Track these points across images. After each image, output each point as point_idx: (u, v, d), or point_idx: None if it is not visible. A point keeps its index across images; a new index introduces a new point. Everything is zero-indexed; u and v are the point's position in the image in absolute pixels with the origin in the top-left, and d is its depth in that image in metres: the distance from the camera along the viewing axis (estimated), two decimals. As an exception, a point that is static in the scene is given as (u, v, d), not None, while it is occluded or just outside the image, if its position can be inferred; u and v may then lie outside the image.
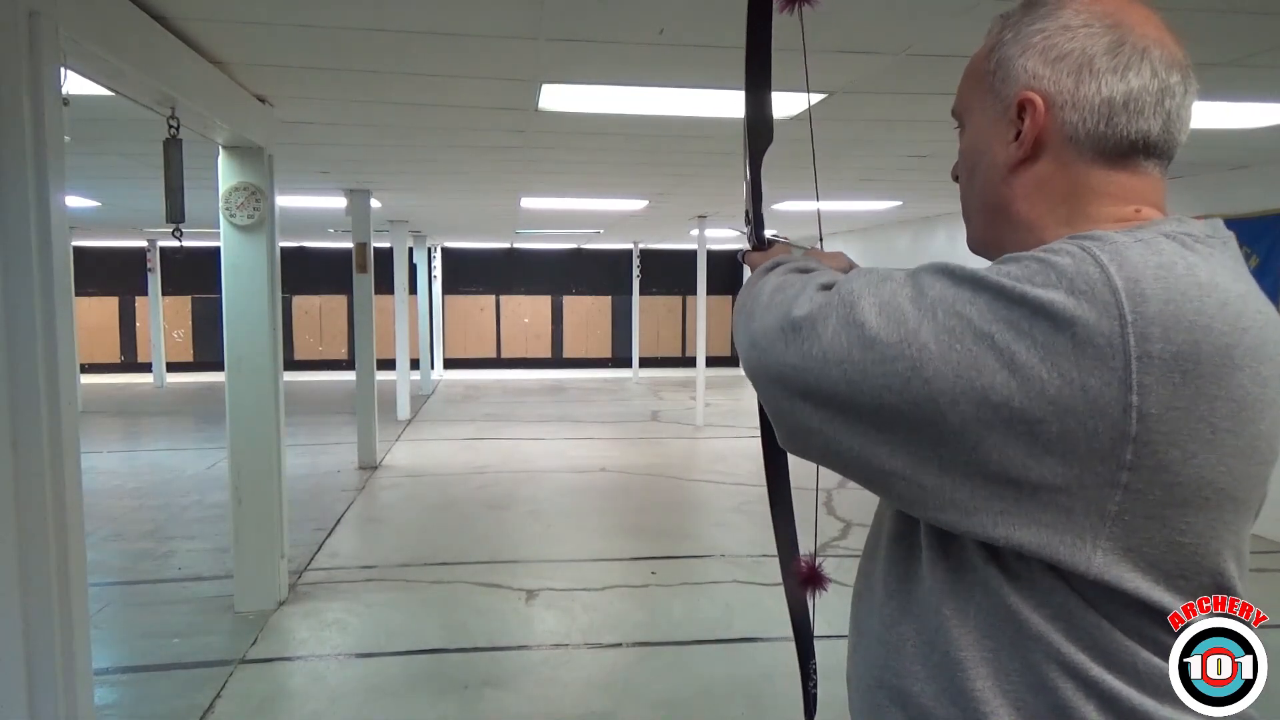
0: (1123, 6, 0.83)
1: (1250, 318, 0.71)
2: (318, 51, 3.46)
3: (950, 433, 0.70)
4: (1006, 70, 0.85)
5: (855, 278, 0.80)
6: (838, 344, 0.75)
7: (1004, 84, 0.85)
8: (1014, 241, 0.85)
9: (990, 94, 0.86)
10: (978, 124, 0.89)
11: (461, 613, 4.56)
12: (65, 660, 2.17)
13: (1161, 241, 0.74)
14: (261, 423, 4.42)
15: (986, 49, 0.88)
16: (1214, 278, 0.72)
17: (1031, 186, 0.84)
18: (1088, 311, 0.67)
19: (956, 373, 0.69)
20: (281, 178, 4.66)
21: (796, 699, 1.23)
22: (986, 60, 0.87)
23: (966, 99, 0.91)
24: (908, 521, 0.85)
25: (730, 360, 18.34)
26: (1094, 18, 0.82)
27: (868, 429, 0.75)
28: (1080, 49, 0.81)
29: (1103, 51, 0.80)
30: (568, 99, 4.08)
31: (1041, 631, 0.71)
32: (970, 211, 0.92)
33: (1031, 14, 0.85)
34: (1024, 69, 0.83)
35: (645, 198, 8.42)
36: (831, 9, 2.88)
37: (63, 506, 2.16)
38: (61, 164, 2.18)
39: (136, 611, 4.61)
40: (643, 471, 8.06)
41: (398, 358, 11.19)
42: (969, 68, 0.91)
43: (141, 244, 15.15)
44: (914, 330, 0.72)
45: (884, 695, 0.83)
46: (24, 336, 2.07)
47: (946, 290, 0.73)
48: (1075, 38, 0.81)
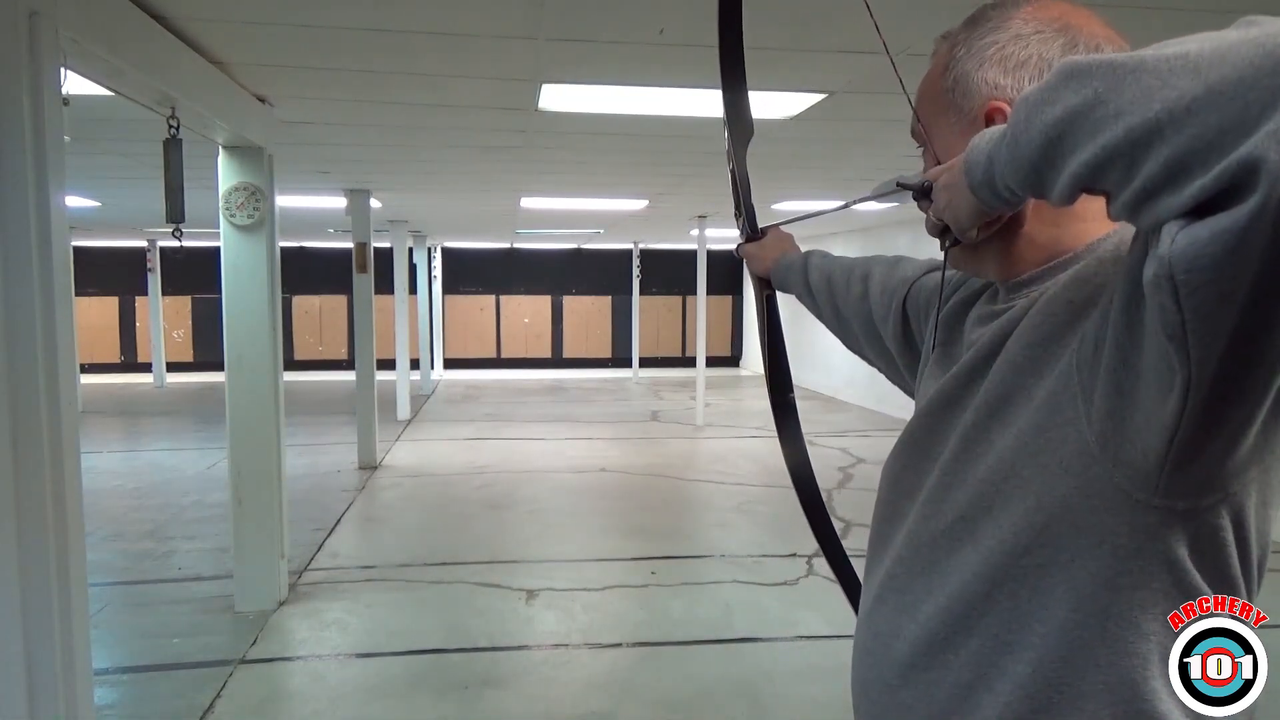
0: (1067, 11, 0.85)
1: None
2: (318, 51, 3.46)
3: None
4: (966, 85, 0.85)
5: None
6: None
7: (965, 99, 0.85)
8: (1001, 246, 0.87)
9: (952, 111, 0.87)
10: (944, 144, 0.88)
11: (461, 613, 4.56)
12: (65, 660, 2.17)
13: None
14: (261, 423, 4.41)
15: (939, 68, 0.89)
16: None
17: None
18: None
19: None
20: (281, 178, 4.66)
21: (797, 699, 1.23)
22: (942, 79, 0.88)
23: (926, 120, 0.91)
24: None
25: (730, 360, 18.35)
26: (1043, 24, 0.84)
27: None
28: (1037, 54, 0.83)
29: (1059, 54, 0.82)
30: (568, 99, 4.09)
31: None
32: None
33: (980, 28, 0.86)
34: (984, 81, 0.84)
35: (645, 198, 8.43)
36: (831, 9, 2.88)
37: (63, 506, 2.16)
38: (61, 164, 2.18)
39: (136, 611, 4.61)
40: (643, 471, 8.06)
41: (398, 358, 11.19)
42: (923, 90, 0.92)
43: (141, 244, 15.16)
44: None
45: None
46: (24, 336, 2.07)
47: None
48: (1029, 44, 0.83)
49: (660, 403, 13.08)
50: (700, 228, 10.54)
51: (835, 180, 7.10)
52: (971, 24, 0.87)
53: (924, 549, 0.84)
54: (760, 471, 7.93)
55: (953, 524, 0.81)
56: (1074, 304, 0.76)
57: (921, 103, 0.91)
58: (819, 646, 4.13)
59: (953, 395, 0.86)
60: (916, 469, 0.89)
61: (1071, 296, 0.77)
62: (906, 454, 0.93)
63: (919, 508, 0.86)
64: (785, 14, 2.92)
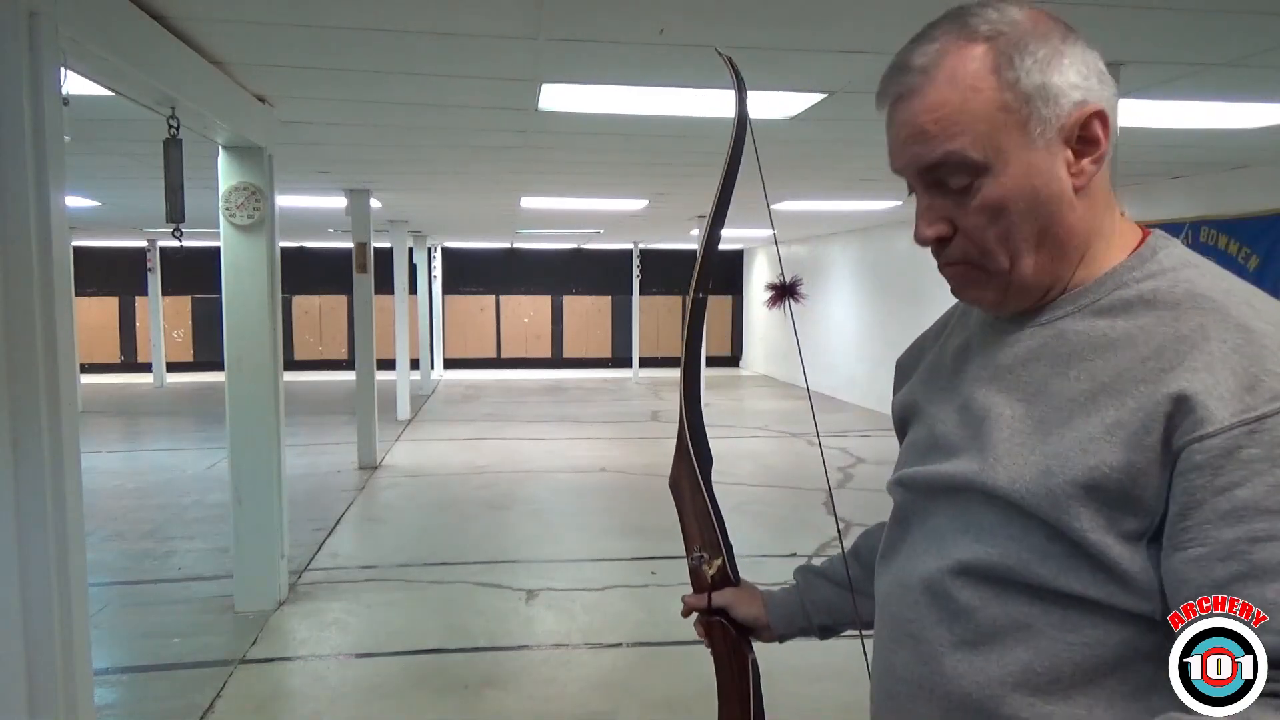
0: (1055, 15, 0.85)
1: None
2: (318, 51, 3.46)
3: None
4: (1049, 94, 0.81)
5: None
6: None
7: (1051, 107, 0.81)
8: (1069, 268, 0.86)
9: (1034, 124, 0.81)
10: (1025, 161, 0.82)
11: (461, 613, 4.56)
12: (65, 660, 2.16)
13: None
14: (261, 423, 4.41)
15: (993, 91, 0.82)
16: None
17: (1088, 203, 0.85)
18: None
19: None
20: (281, 178, 4.66)
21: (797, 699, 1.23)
22: (1000, 95, 0.81)
23: (991, 143, 0.82)
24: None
25: (730, 360, 18.35)
26: (1065, 29, 0.84)
27: None
28: (1084, 53, 0.83)
29: (1084, 49, 0.84)
30: (568, 99, 4.08)
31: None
32: (1018, 257, 0.85)
33: (1029, 41, 0.82)
34: (1072, 86, 0.81)
35: (645, 198, 8.42)
36: (831, 9, 2.88)
37: (63, 506, 2.16)
38: (61, 164, 2.18)
39: (136, 611, 4.61)
40: (643, 471, 8.06)
41: (398, 358, 11.19)
42: (970, 116, 0.82)
43: (141, 244, 15.15)
44: None
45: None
46: (24, 336, 2.07)
47: None
48: (1076, 45, 0.83)
49: (660, 403, 13.08)
50: (700, 228, 10.53)
51: (835, 180, 7.10)
52: (1010, 39, 0.82)
53: None
54: (760, 471, 7.93)
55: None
56: (1109, 386, 0.80)
57: (970, 128, 0.82)
58: (819, 646, 4.12)
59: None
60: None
61: (1108, 375, 0.80)
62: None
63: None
64: (785, 14, 2.92)
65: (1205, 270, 0.83)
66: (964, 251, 0.87)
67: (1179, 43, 3.23)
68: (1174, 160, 5.87)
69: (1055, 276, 0.86)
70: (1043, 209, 0.83)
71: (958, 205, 0.86)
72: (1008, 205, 0.83)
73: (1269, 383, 0.71)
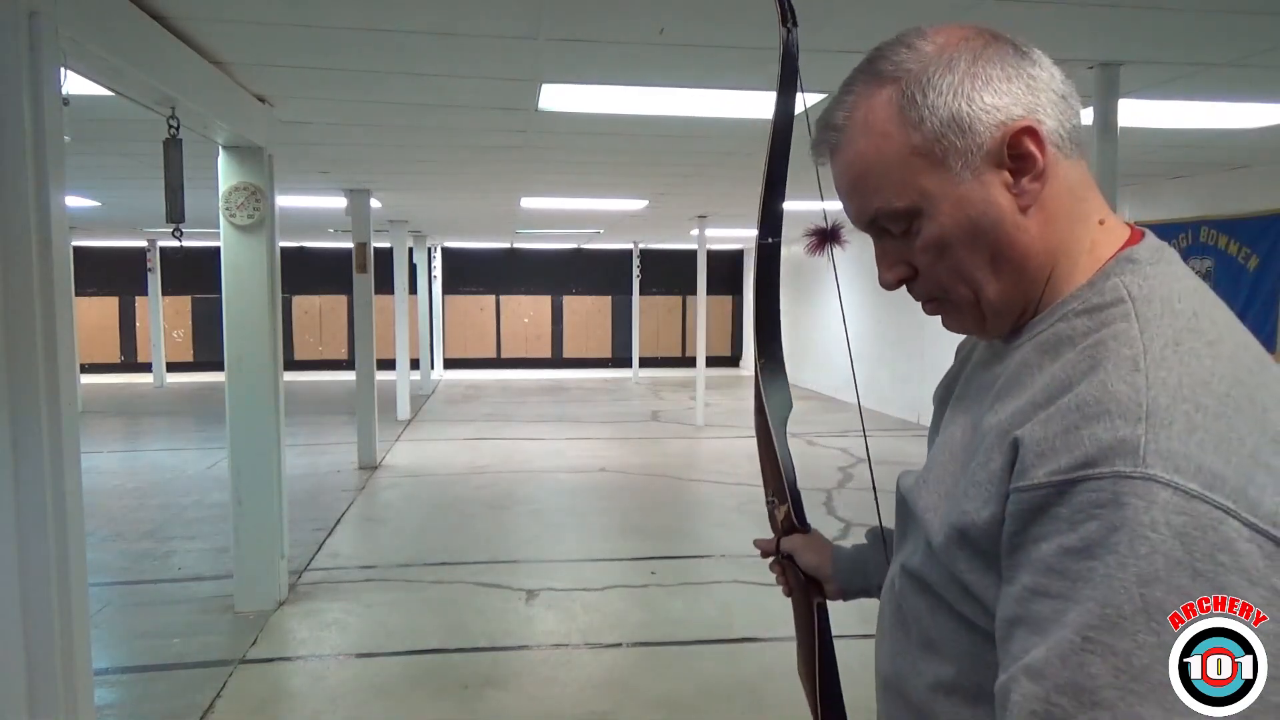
0: (976, 30, 0.82)
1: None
2: (318, 51, 3.46)
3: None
4: (961, 124, 0.78)
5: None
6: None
7: (968, 137, 0.78)
8: (1036, 286, 0.83)
9: (953, 158, 0.79)
10: (956, 197, 0.80)
11: (461, 613, 4.56)
12: (65, 660, 2.17)
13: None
14: (261, 423, 4.41)
15: (901, 135, 0.80)
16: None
17: (1043, 218, 0.81)
18: None
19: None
20: (281, 178, 4.66)
21: (797, 699, 1.23)
22: (909, 140, 0.80)
23: (915, 189, 0.81)
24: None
25: (730, 360, 18.35)
26: (982, 44, 0.80)
27: None
28: (1002, 63, 0.79)
29: (1013, 55, 0.80)
30: (568, 99, 4.09)
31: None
32: (980, 287, 0.83)
33: (931, 74, 0.80)
34: (986, 109, 0.78)
35: (645, 198, 8.43)
36: (832, 9, 2.88)
37: (63, 506, 2.16)
38: (61, 164, 2.18)
39: (136, 611, 4.61)
40: (643, 471, 8.06)
41: (398, 358, 11.19)
42: (885, 165, 0.81)
43: (141, 244, 15.16)
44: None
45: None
46: (24, 336, 2.07)
47: None
48: (989, 58, 0.79)
49: (660, 403, 13.08)
50: (700, 228, 10.54)
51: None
52: (915, 78, 0.80)
53: None
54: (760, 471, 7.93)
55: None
56: (996, 428, 0.78)
57: (896, 175, 0.81)
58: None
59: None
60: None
61: (999, 419, 0.78)
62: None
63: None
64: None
65: (1138, 308, 0.76)
66: (928, 290, 0.86)
67: (1179, 43, 3.23)
68: (1174, 160, 5.88)
69: (1027, 296, 0.83)
70: (985, 238, 0.81)
71: (908, 247, 0.84)
72: (949, 241, 0.81)
73: (1085, 448, 0.69)
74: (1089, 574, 0.67)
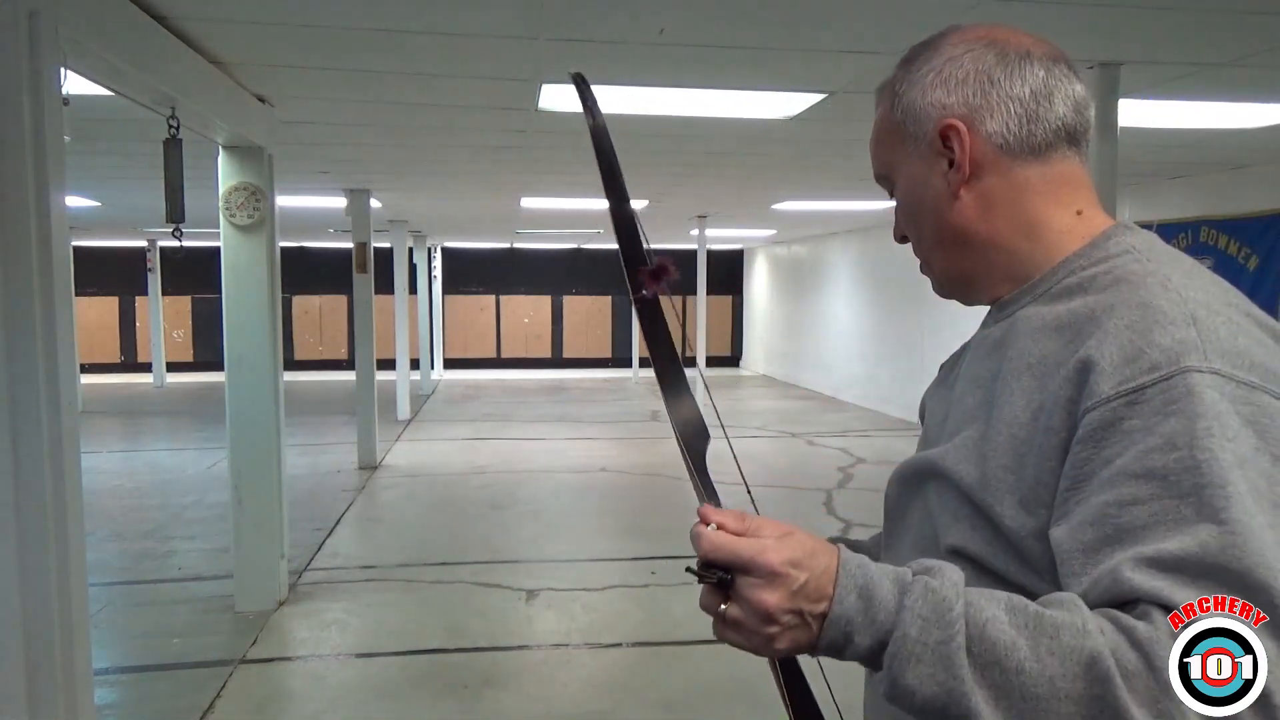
0: (990, 29, 0.91)
1: None
2: (318, 51, 3.46)
3: None
4: (914, 113, 0.90)
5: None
6: None
7: (917, 125, 0.90)
8: (984, 264, 0.91)
9: (909, 140, 0.92)
10: (907, 172, 0.93)
11: (461, 613, 4.56)
12: (65, 660, 2.17)
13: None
14: (261, 423, 4.41)
15: (887, 107, 0.94)
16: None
17: (982, 205, 0.89)
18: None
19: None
20: (281, 178, 4.66)
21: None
22: (890, 115, 0.93)
23: (886, 158, 0.96)
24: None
25: (730, 360, 18.35)
26: (973, 43, 0.89)
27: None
28: (974, 69, 0.88)
29: (994, 64, 0.88)
30: (568, 99, 4.08)
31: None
32: (929, 255, 0.96)
33: (914, 63, 0.92)
34: (932, 104, 0.89)
35: (645, 198, 8.43)
36: (831, 9, 2.88)
37: (63, 506, 2.16)
38: (61, 164, 2.18)
39: (136, 611, 4.62)
40: (643, 471, 8.06)
41: (398, 358, 11.19)
42: (877, 133, 0.96)
43: (141, 244, 15.15)
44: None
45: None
46: (24, 336, 2.07)
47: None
48: (964, 63, 0.89)
49: (660, 403, 13.06)
50: (700, 228, 10.54)
51: (835, 180, 7.11)
52: (907, 62, 0.93)
53: None
54: (760, 471, 7.93)
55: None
56: (1033, 368, 0.82)
57: (879, 144, 0.96)
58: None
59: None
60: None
61: (1034, 357, 0.83)
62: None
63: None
64: (785, 14, 2.93)
65: (1144, 254, 0.84)
66: (915, 251, 0.98)
67: (1179, 43, 3.23)
68: (1174, 160, 5.88)
69: (967, 271, 0.93)
70: (925, 211, 0.92)
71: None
72: (904, 210, 0.96)
73: (1150, 354, 0.73)
74: (1188, 464, 0.69)
